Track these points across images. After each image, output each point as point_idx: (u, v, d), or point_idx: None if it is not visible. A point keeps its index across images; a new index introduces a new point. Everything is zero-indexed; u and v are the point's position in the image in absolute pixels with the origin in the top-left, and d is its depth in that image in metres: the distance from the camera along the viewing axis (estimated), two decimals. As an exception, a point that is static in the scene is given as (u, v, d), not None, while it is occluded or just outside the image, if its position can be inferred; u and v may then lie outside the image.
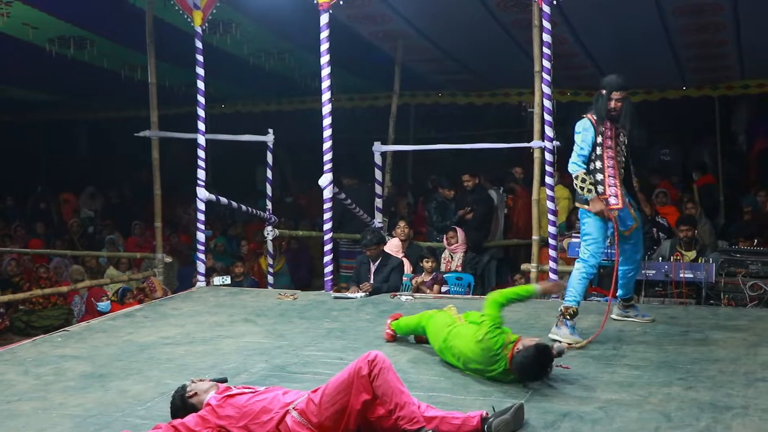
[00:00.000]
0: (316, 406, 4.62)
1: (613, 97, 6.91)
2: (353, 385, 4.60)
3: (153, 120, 10.85)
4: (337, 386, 4.64)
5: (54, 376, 6.10)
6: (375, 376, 4.61)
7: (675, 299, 8.95)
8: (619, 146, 7.08)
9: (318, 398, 4.64)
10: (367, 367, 4.62)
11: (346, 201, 11.02)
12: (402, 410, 4.57)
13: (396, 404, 4.58)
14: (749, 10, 10.99)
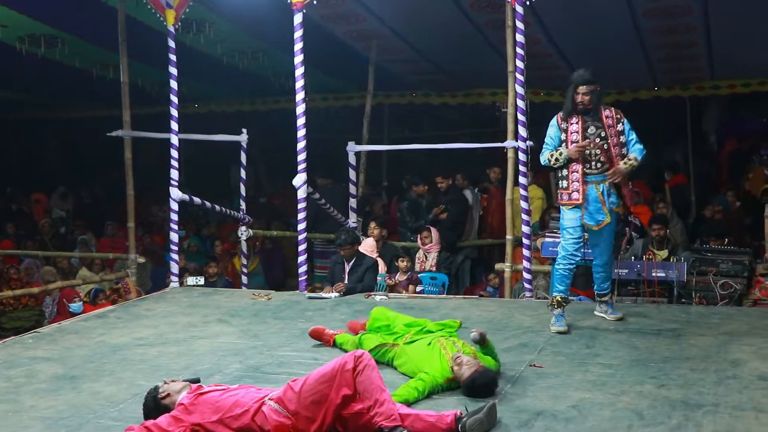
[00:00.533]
0: (295, 393, 4.63)
1: (579, 92, 7.04)
2: (336, 378, 4.62)
3: (125, 119, 10.79)
4: (320, 377, 4.66)
5: (25, 378, 6.05)
6: (359, 372, 4.64)
7: (647, 298, 9.02)
8: (589, 139, 7.12)
9: (298, 387, 4.66)
10: (353, 362, 4.66)
11: (320, 201, 11.00)
12: (381, 407, 4.58)
13: (376, 400, 4.60)
14: (719, 12, 11.10)
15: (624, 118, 7.22)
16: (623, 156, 7.12)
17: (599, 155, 7.12)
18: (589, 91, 7.02)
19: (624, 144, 7.18)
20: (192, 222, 15.86)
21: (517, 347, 6.61)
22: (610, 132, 7.10)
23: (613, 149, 7.11)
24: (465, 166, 14.11)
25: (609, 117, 7.13)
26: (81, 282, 11.60)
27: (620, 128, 7.15)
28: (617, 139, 7.12)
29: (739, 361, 6.07)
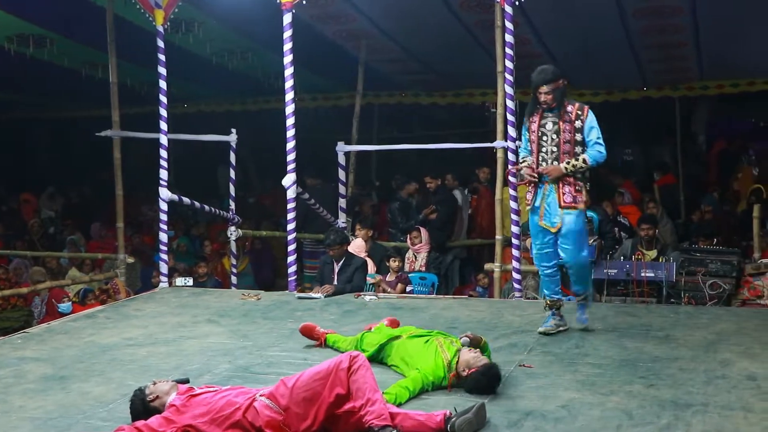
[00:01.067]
0: (287, 389, 4.64)
1: (541, 91, 6.84)
2: (330, 376, 4.64)
3: (114, 119, 10.76)
4: (314, 374, 4.67)
5: (14, 379, 6.03)
6: (353, 371, 4.66)
7: (636, 298, 9.04)
8: (546, 135, 6.90)
9: (291, 383, 4.67)
10: (348, 361, 4.69)
11: (309, 201, 10.99)
12: (372, 406, 4.59)
13: (368, 399, 4.61)
14: (708, 13, 11.13)
15: (588, 117, 6.87)
16: (575, 154, 6.81)
17: (555, 153, 6.88)
18: (551, 89, 6.80)
19: (579, 142, 6.84)
20: (181, 222, 15.83)
21: (506, 347, 6.61)
22: (564, 128, 6.83)
23: (563, 146, 6.83)
24: (454, 166, 14.12)
25: (569, 113, 6.84)
26: (70, 282, 11.57)
27: (578, 125, 6.82)
28: (570, 136, 6.81)
29: (728, 360, 6.09)
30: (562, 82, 6.86)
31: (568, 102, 6.92)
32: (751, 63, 13.89)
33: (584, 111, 6.88)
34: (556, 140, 6.84)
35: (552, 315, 7.11)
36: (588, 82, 15.92)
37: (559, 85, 6.83)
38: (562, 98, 6.85)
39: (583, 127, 6.85)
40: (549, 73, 6.86)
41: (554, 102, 6.82)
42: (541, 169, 6.87)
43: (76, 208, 17.89)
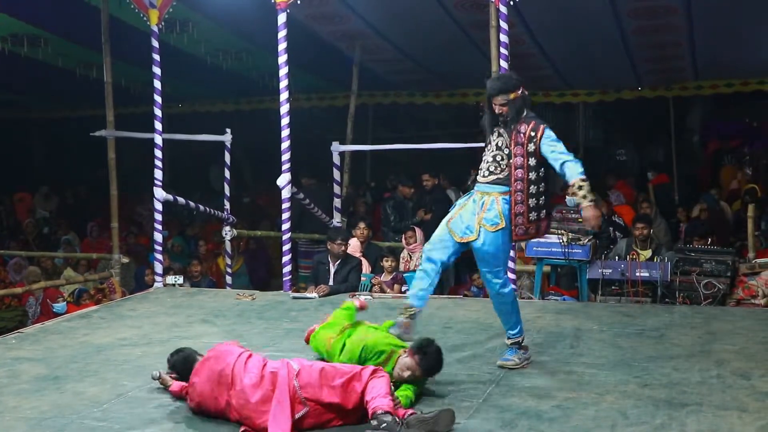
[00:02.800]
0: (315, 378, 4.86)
1: (496, 103, 5.99)
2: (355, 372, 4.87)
3: (109, 119, 10.74)
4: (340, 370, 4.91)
5: (8, 379, 6.01)
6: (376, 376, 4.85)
7: (631, 298, 9.05)
8: (490, 148, 6.11)
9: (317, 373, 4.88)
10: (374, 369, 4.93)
11: (304, 201, 10.99)
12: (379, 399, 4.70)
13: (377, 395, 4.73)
14: (702, 13, 11.15)
15: (543, 137, 5.88)
16: (529, 181, 5.89)
17: (489, 164, 6.05)
18: (507, 101, 5.94)
19: (533, 167, 5.90)
20: (176, 222, 15.83)
21: (501, 347, 6.59)
22: (515, 151, 5.92)
23: (514, 171, 5.91)
24: (449, 166, 14.13)
25: (522, 134, 5.91)
26: (65, 282, 11.56)
27: (530, 149, 5.87)
28: (523, 161, 5.90)
29: (722, 360, 6.10)
30: (521, 92, 6.02)
31: (524, 119, 5.98)
32: (745, 63, 13.93)
33: (538, 132, 5.89)
34: (501, 158, 6.01)
35: (398, 323, 5.95)
36: (583, 82, 15.96)
37: (518, 95, 5.98)
38: (519, 112, 5.97)
39: (538, 151, 5.88)
40: (502, 82, 6.07)
41: (509, 116, 5.96)
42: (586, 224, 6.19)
43: (71, 208, 17.86)
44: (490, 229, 5.92)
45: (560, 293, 9.57)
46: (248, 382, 4.91)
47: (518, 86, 6.02)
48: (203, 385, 5.05)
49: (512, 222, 5.93)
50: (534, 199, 5.93)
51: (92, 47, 11.34)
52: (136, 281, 12.46)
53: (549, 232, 6.51)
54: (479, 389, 5.48)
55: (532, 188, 5.91)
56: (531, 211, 5.93)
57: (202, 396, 5.06)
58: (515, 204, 5.92)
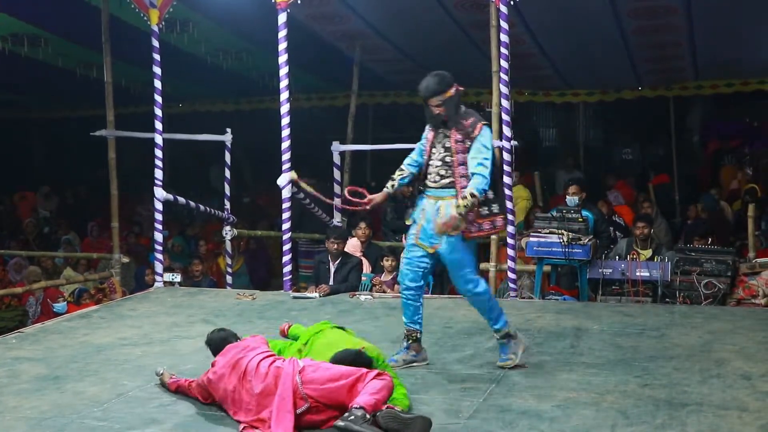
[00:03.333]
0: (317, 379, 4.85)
1: (431, 104, 6.00)
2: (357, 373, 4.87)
3: (109, 119, 10.74)
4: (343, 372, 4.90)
5: (8, 379, 6.01)
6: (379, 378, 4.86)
7: (631, 297, 9.04)
8: (437, 150, 6.06)
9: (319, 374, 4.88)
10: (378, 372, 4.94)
11: (304, 201, 10.98)
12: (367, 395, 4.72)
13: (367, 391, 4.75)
14: (702, 13, 11.15)
15: (480, 134, 5.88)
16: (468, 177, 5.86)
17: (439, 168, 5.99)
18: (441, 101, 5.94)
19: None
20: (176, 222, 15.83)
21: (501, 347, 6.61)
22: (457, 148, 5.91)
23: (457, 168, 5.90)
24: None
25: (462, 131, 5.92)
26: (65, 282, 11.55)
27: (468, 144, 5.88)
28: (464, 157, 5.89)
29: (723, 360, 6.10)
30: (455, 89, 5.99)
31: (462, 116, 5.99)
32: (745, 63, 13.92)
33: (476, 129, 5.89)
34: (449, 161, 5.95)
35: (406, 347, 6.16)
36: (583, 82, 15.96)
37: (452, 94, 5.96)
38: (456, 109, 5.96)
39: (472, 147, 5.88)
40: (436, 83, 5.99)
41: (447, 115, 5.95)
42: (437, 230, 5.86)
43: (71, 208, 17.86)
44: (451, 233, 5.85)
45: (560, 293, 9.56)
46: (255, 378, 4.94)
47: (451, 84, 5.99)
48: (222, 368, 5.12)
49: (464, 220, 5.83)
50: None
51: (92, 47, 11.34)
52: (137, 281, 12.46)
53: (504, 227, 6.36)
54: (479, 389, 5.48)
55: None
56: (480, 206, 5.87)
57: (216, 376, 5.13)
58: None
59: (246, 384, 4.96)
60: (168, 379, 5.57)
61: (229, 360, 5.14)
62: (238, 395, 4.96)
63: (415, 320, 6.15)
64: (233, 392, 4.99)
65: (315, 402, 4.77)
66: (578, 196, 9.95)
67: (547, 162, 17.64)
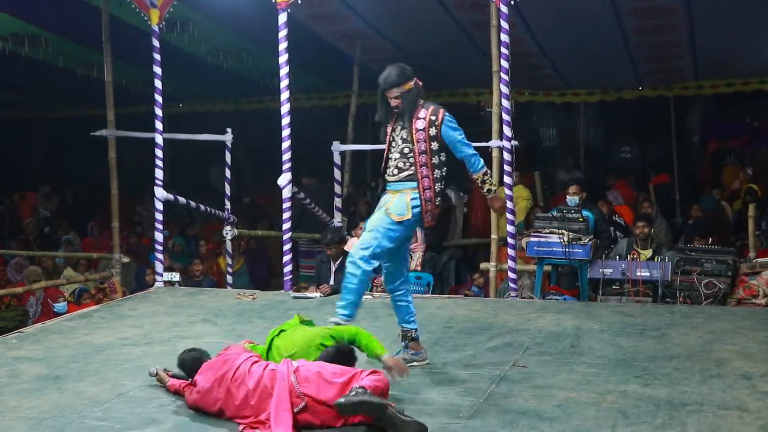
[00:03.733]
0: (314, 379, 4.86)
1: (390, 96, 6.05)
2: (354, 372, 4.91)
3: (110, 119, 10.74)
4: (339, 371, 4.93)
5: (8, 379, 6.01)
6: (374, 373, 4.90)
7: (632, 297, 9.04)
8: (396, 144, 6.17)
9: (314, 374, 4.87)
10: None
11: (305, 200, 10.99)
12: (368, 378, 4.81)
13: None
14: (702, 13, 11.15)
15: (444, 120, 6.01)
16: (433, 166, 6.02)
17: (398, 160, 6.12)
18: (400, 93, 5.98)
19: (436, 152, 6.03)
20: (176, 222, 15.83)
21: (501, 347, 6.61)
22: (417, 136, 5.98)
23: (418, 157, 6.00)
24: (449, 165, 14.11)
25: (422, 119, 5.99)
26: (65, 282, 11.55)
27: (432, 132, 5.98)
28: (426, 145, 5.98)
29: (723, 360, 6.10)
30: (414, 83, 6.03)
31: (422, 105, 6.07)
32: (745, 63, 13.92)
33: (439, 115, 6.00)
34: (408, 151, 6.05)
35: (404, 347, 6.21)
36: (583, 82, 15.96)
37: (411, 86, 6.01)
38: (412, 104, 6.02)
39: (439, 135, 6.01)
40: (395, 75, 6.00)
41: (404, 108, 6.02)
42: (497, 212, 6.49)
43: (71, 207, 17.86)
44: (395, 218, 6.02)
45: (561, 293, 9.57)
46: (250, 382, 4.92)
47: (411, 77, 6.03)
48: (205, 384, 5.07)
49: (423, 209, 6.01)
50: (439, 183, 6.07)
51: (93, 47, 11.34)
52: (137, 281, 12.46)
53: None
54: (479, 389, 5.48)
55: (436, 173, 6.06)
56: (437, 197, 6.07)
57: (201, 393, 5.08)
58: (424, 190, 6.02)
59: (240, 389, 4.94)
60: (167, 380, 5.56)
61: (211, 376, 5.09)
62: (233, 402, 4.95)
63: (407, 320, 6.24)
64: (225, 405, 4.99)
65: (311, 400, 4.77)
66: (578, 196, 9.96)
67: (547, 162, 17.65)
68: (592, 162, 17.93)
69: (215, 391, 5.01)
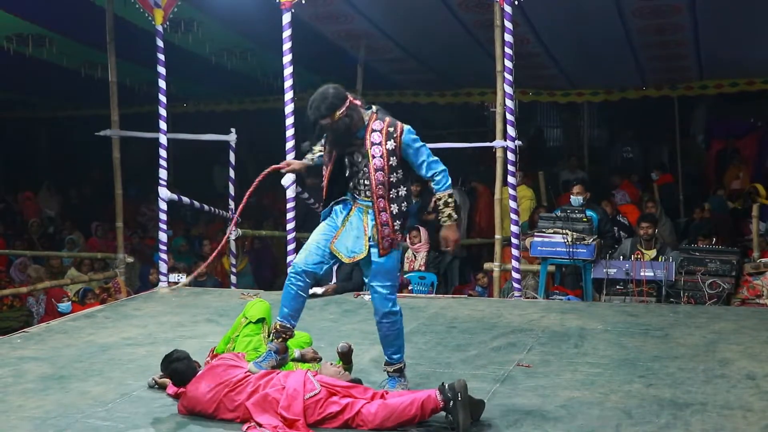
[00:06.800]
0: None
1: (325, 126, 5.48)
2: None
3: (114, 119, 10.75)
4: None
5: (13, 378, 6.02)
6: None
7: (635, 297, 9.04)
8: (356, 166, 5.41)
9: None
10: None
11: (309, 201, 10.99)
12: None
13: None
14: (707, 12, 11.13)
15: (405, 134, 5.36)
16: (390, 185, 5.28)
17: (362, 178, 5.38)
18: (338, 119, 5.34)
19: (394, 168, 5.29)
20: (182, 222, 15.83)
21: (505, 346, 6.62)
22: (372, 152, 5.27)
23: (374, 176, 5.26)
24: (453, 165, 14.09)
25: (378, 131, 5.32)
26: (69, 282, 11.56)
27: (390, 146, 5.27)
28: (382, 162, 5.26)
29: (727, 360, 6.10)
30: (347, 105, 5.40)
31: (375, 117, 5.42)
32: (750, 62, 13.90)
33: (397, 128, 5.34)
34: (366, 171, 5.31)
35: (273, 351, 5.44)
36: (587, 82, 15.95)
37: (345, 109, 5.36)
38: (347, 127, 5.34)
39: (399, 148, 5.30)
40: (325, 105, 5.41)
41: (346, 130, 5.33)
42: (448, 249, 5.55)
43: (76, 207, 17.88)
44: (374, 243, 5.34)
45: (565, 293, 9.57)
46: (263, 382, 4.96)
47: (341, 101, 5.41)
48: (204, 388, 5.03)
49: (379, 234, 5.29)
50: (396, 204, 5.31)
51: (97, 47, 11.34)
52: (141, 281, 12.47)
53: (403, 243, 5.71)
54: (483, 389, 5.47)
55: (393, 192, 5.31)
56: (395, 219, 5.31)
57: (198, 397, 5.04)
58: (379, 212, 5.29)
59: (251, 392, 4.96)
60: (168, 384, 5.51)
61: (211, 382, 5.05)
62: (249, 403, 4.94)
63: (290, 315, 5.55)
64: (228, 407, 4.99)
65: (327, 386, 4.84)
66: (582, 196, 9.95)
67: (551, 162, 17.64)
68: (596, 162, 17.91)
69: (218, 393, 5.00)
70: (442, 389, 4.76)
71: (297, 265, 5.49)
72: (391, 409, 4.74)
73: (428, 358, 6.32)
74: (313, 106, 5.43)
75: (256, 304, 6.03)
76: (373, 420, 4.72)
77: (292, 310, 5.51)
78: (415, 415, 4.73)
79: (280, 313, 5.51)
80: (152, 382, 5.68)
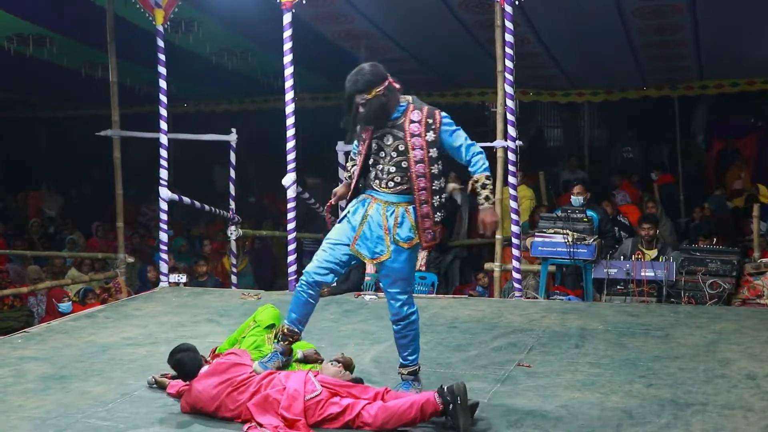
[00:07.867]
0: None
1: (357, 101, 5.21)
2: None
3: (114, 119, 10.75)
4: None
5: (13, 378, 6.03)
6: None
7: (636, 297, 9.04)
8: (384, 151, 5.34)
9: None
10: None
11: (309, 200, 10.99)
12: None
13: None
14: (707, 12, 11.13)
15: (442, 124, 5.32)
16: (431, 176, 5.27)
17: (393, 174, 5.29)
18: (366, 100, 5.18)
19: (434, 159, 5.29)
20: (181, 222, 15.83)
21: (506, 346, 6.61)
22: (413, 143, 5.22)
23: (414, 166, 5.23)
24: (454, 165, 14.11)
25: (417, 122, 5.26)
26: (70, 282, 11.56)
27: (430, 138, 5.24)
28: (423, 153, 5.23)
29: (727, 360, 6.10)
30: (384, 87, 5.23)
31: (413, 108, 5.33)
32: (750, 62, 13.90)
33: (436, 118, 5.29)
34: (401, 159, 5.26)
35: (279, 352, 5.41)
36: (587, 82, 15.95)
37: (384, 89, 5.22)
38: (380, 110, 5.24)
39: (439, 139, 5.29)
40: (363, 80, 5.21)
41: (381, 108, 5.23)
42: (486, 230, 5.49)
43: (77, 207, 17.88)
44: (405, 245, 5.29)
45: (565, 293, 9.56)
46: (265, 383, 4.97)
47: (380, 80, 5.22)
48: (209, 385, 5.04)
49: (419, 227, 5.28)
50: (438, 196, 5.32)
51: (97, 47, 11.34)
52: (142, 281, 12.47)
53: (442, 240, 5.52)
54: (484, 389, 5.48)
55: (435, 184, 5.29)
56: (436, 211, 5.32)
57: (202, 394, 5.05)
58: (420, 204, 5.26)
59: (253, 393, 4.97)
60: (167, 383, 5.53)
61: (216, 379, 5.06)
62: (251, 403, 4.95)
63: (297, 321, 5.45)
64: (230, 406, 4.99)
65: (328, 387, 4.85)
66: (583, 196, 9.95)
67: (551, 162, 17.63)
68: (596, 162, 17.91)
69: (221, 392, 5.00)
70: (441, 392, 4.76)
71: (309, 274, 5.45)
72: (391, 412, 4.74)
73: (429, 359, 6.31)
74: (351, 80, 5.23)
75: (266, 309, 6.04)
76: (374, 422, 4.73)
77: (300, 315, 5.45)
78: (414, 418, 4.74)
79: (288, 318, 5.46)
80: (152, 380, 5.68)
